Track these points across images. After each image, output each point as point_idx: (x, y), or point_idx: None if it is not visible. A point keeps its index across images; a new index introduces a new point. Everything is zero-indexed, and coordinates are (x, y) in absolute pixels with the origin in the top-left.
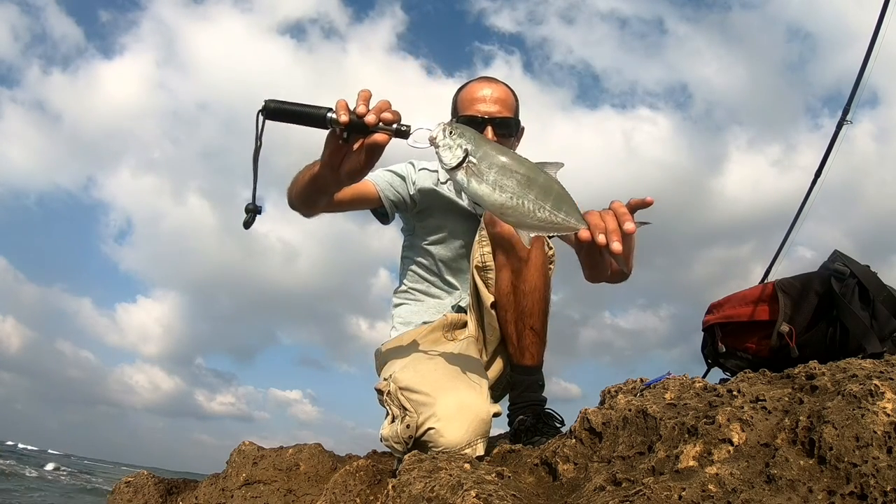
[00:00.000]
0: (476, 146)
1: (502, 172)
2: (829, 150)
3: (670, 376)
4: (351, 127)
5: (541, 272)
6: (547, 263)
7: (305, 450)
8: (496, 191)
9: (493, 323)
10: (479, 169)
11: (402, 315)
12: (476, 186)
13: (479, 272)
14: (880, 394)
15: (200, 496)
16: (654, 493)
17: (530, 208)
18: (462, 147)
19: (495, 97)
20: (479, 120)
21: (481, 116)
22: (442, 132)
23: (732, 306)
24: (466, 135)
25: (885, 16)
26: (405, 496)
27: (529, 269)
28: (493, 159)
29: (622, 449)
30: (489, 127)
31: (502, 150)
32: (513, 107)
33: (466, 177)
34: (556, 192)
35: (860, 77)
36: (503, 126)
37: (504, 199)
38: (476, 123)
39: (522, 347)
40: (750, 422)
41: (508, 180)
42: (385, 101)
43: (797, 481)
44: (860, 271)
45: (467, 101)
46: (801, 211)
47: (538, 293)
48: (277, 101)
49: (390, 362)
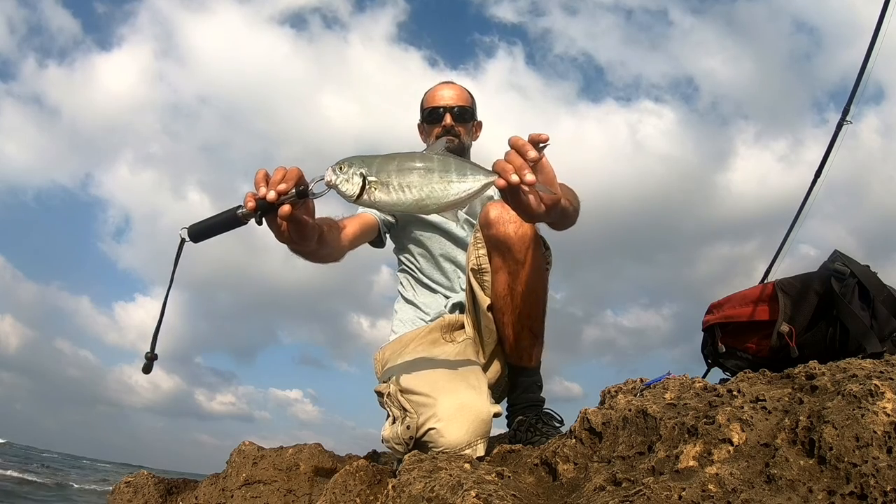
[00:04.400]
0: (368, 165)
1: (401, 174)
2: (828, 150)
3: (670, 376)
4: (261, 210)
5: (538, 274)
6: (544, 265)
7: (305, 450)
8: (404, 191)
9: (490, 325)
10: (380, 181)
11: (399, 319)
12: (385, 197)
13: (475, 275)
14: (880, 394)
15: (200, 496)
16: (654, 493)
17: (442, 189)
18: (356, 173)
19: (452, 94)
20: (440, 110)
21: (441, 107)
22: (332, 172)
23: (732, 306)
24: (355, 160)
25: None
26: (405, 496)
27: (526, 272)
28: (388, 166)
29: (622, 449)
30: (448, 114)
31: (392, 156)
32: (468, 100)
33: (373, 194)
34: (454, 163)
35: (860, 77)
36: (461, 113)
37: (415, 194)
38: (437, 113)
39: (520, 349)
40: (750, 422)
41: (409, 177)
42: (280, 171)
43: (797, 481)
44: (860, 271)
45: (430, 98)
46: (800, 212)
47: (535, 295)
48: (196, 225)
49: (390, 365)
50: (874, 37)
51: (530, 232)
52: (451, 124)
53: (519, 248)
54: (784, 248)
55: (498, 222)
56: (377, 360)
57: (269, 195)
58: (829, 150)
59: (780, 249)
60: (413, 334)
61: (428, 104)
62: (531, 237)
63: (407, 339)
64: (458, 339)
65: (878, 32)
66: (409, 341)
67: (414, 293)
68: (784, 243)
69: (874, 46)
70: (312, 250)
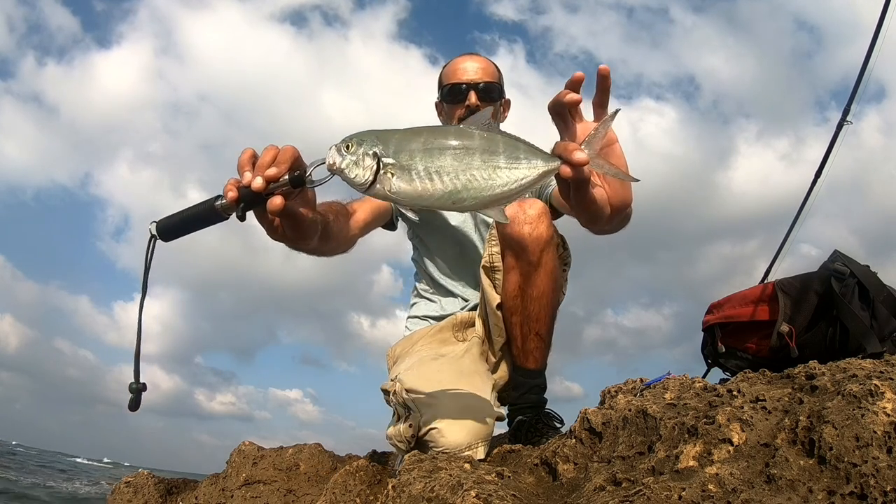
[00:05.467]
0: (384, 142)
1: (429, 155)
2: (828, 151)
3: (670, 376)
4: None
5: (551, 277)
6: (559, 268)
7: (305, 450)
8: (434, 180)
9: (499, 324)
10: (400, 165)
11: (414, 314)
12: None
13: (487, 272)
14: (880, 394)
15: (200, 496)
16: (654, 493)
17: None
18: (369, 152)
19: (476, 67)
20: (463, 86)
21: (464, 83)
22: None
23: (732, 306)
24: (367, 137)
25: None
26: (405, 496)
27: (539, 275)
28: (411, 144)
29: (622, 449)
30: (472, 92)
31: (417, 131)
32: (495, 75)
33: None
34: (503, 142)
35: (860, 78)
36: (486, 91)
37: (448, 184)
38: (459, 90)
39: (526, 351)
40: (750, 422)
41: (441, 159)
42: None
43: (797, 481)
44: (860, 271)
45: (450, 73)
46: (800, 212)
47: (546, 299)
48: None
49: (398, 362)
50: (874, 37)
51: (546, 234)
52: (477, 104)
53: (533, 250)
54: (784, 248)
55: (513, 221)
56: (389, 357)
57: (255, 183)
58: (829, 150)
59: (780, 249)
60: (423, 332)
61: (448, 79)
62: (546, 240)
63: (416, 337)
64: (468, 337)
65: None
66: (418, 339)
67: (430, 289)
68: (784, 243)
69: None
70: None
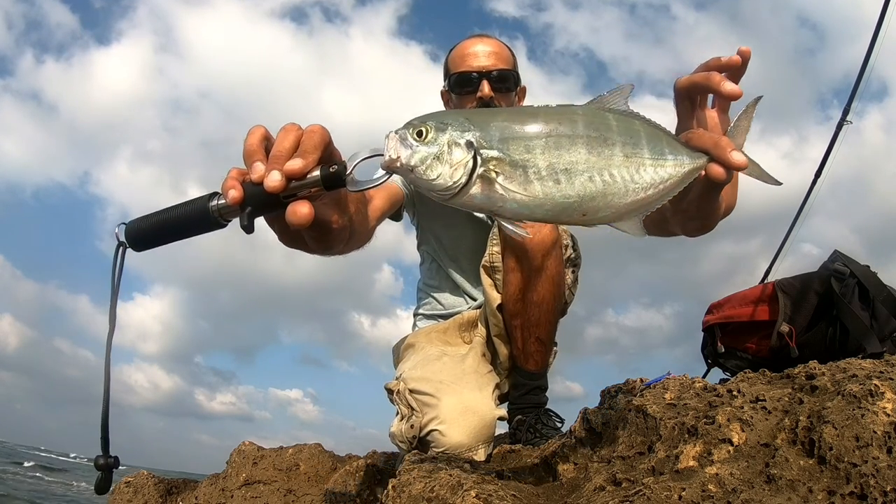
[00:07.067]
0: (481, 126)
1: (552, 145)
2: (828, 151)
3: (670, 376)
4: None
5: (553, 282)
6: (562, 273)
7: (305, 450)
8: (561, 181)
9: (500, 324)
10: (511, 158)
11: (421, 312)
12: (522, 193)
13: (487, 272)
14: (880, 394)
15: (200, 496)
16: (654, 493)
17: (626, 179)
18: (459, 141)
19: (488, 51)
20: (473, 76)
21: (475, 71)
22: (401, 142)
23: (732, 306)
24: (452, 118)
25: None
26: (405, 496)
27: (541, 280)
28: (525, 129)
29: (622, 449)
30: (485, 82)
31: (526, 112)
32: (510, 60)
33: (495, 185)
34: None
35: (860, 78)
36: (501, 80)
37: (579, 188)
38: (469, 79)
39: (527, 353)
40: (750, 422)
41: (570, 153)
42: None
43: (797, 481)
44: (860, 271)
45: (459, 58)
46: (800, 212)
47: (547, 305)
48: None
49: (402, 361)
50: (874, 37)
51: (550, 237)
52: (490, 95)
53: (535, 254)
54: (784, 248)
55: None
56: (394, 353)
57: (271, 179)
58: (828, 150)
59: (780, 249)
60: (428, 330)
61: (457, 67)
62: (550, 243)
63: (422, 335)
64: (473, 337)
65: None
66: (423, 338)
67: (437, 286)
68: (784, 243)
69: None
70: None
